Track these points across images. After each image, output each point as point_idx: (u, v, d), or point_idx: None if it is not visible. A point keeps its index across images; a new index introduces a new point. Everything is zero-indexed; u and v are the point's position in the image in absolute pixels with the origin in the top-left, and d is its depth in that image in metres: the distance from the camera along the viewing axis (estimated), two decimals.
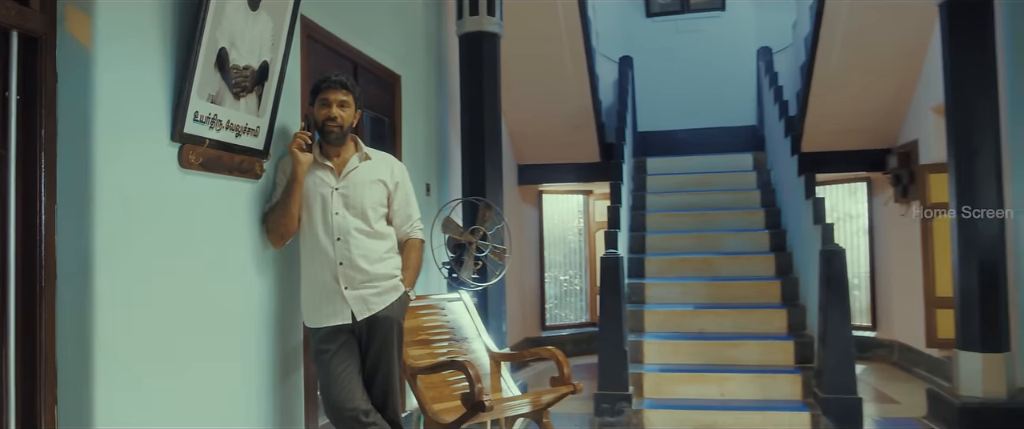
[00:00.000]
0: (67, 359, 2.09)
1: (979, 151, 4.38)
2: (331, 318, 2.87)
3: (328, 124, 2.93)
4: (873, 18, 5.63)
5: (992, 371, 4.35)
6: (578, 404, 5.07)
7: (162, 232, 2.37)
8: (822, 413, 4.56)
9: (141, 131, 2.30)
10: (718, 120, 8.81)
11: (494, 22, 5.04)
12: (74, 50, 2.13)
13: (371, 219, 2.95)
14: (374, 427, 2.86)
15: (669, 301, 5.91)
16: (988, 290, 4.37)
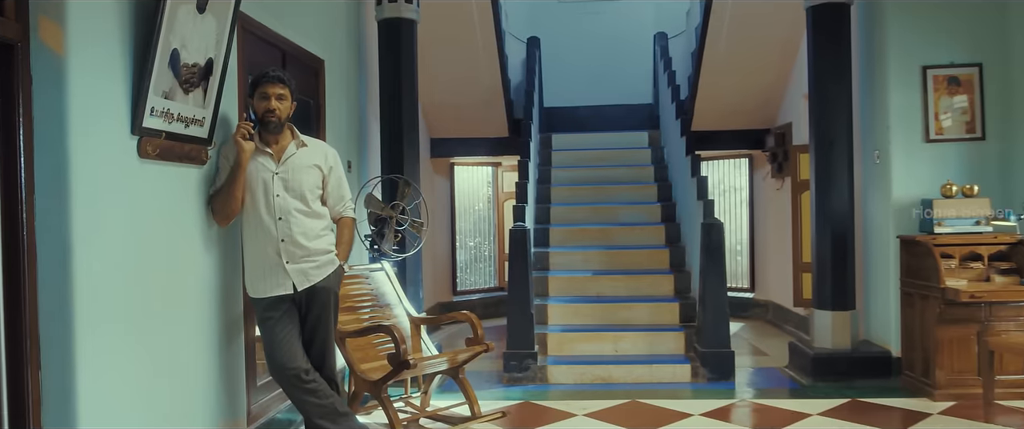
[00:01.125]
0: (49, 331, 2.37)
1: (835, 141, 5.07)
2: (274, 289, 3.23)
3: (267, 115, 3.25)
4: (755, 15, 6.27)
5: (840, 326, 5.12)
6: (489, 362, 5.58)
7: (126, 216, 2.67)
8: (701, 365, 5.22)
9: (106, 126, 2.58)
10: (618, 98, 9.40)
11: (411, 8, 5.37)
12: (47, 56, 2.38)
13: (309, 200, 3.31)
14: (314, 383, 3.26)
15: (571, 268, 6.46)
16: (838, 259, 5.11)
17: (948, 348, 4.49)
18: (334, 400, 3.33)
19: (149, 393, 2.80)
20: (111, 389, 2.57)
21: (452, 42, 6.68)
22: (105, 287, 2.55)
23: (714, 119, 7.49)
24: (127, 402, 2.67)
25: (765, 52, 6.67)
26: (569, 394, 4.86)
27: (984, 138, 4.96)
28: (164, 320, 2.90)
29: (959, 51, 4.98)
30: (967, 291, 4.33)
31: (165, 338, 2.91)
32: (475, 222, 9.17)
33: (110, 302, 2.57)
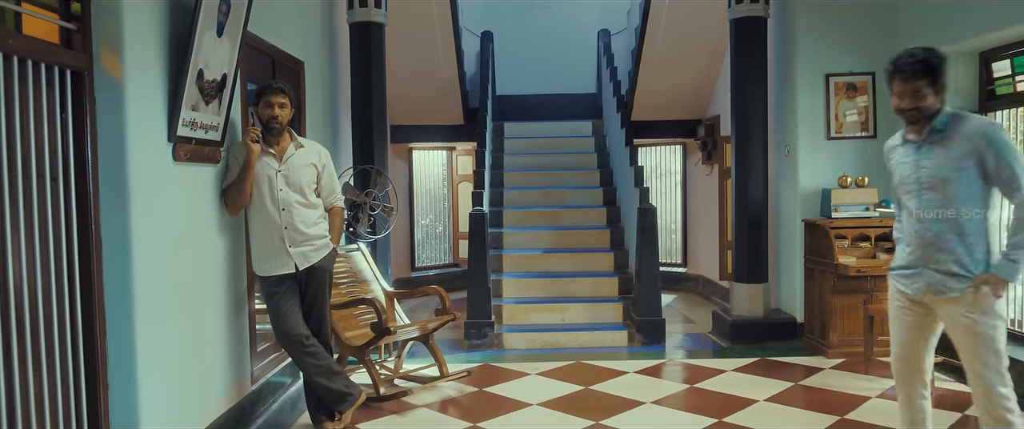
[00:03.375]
0: (113, 305, 2.95)
1: (752, 135, 5.86)
2: (279, 268, 3.83)
3: (271, 121, 3.83)
4: (687, 21, 7.01)
5: (754, 297, 5.94)
6: (450, 331, 6.25)
7: (166, 210, 3.24)
8: (636, 331, 5.98)
9: (151, 136, 3.14)
10: (565, 87, 10.09)
11: (380, 13, 5.92)
12: (107, 81, 2.93)
13: (306, 193, 3.91)
14: (313, 347, 3.88)
15: (523, 246, 7.15)
16: (754, 238, 5.92)
17: (840, 314, 5.36)
18: (330, 361, 3.96)
19: (184, 356, 3.40)
20: (158, 352, 3.16)
21: (414, 38, 7.24)
22: (153, 268, 3.12)
23: (651, 110, 8.25)
24: (170, 363, 3.26)
25: (696, 54, 7.43)
26: (523, 357, 5.57)
27: (876, 136, 5.80)
28: (192, 294, 3.49)
29: (856, 61, 5.79)
30: (855, 266, 5.18)
31: (193, 310, 3.50)
32: (431, 202, 9.79)
33: (157, 281, 3.15)
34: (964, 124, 2.79)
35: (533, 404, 4.42)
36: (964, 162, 2.76)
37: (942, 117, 2.81)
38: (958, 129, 2.79)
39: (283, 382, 4.70)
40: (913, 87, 2.77)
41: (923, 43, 5.30)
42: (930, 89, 2.76)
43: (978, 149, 2.73)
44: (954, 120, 2.81)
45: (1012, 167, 2.70)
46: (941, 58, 2.78)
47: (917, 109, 2.80)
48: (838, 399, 4.41)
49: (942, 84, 2.78)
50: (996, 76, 5.11)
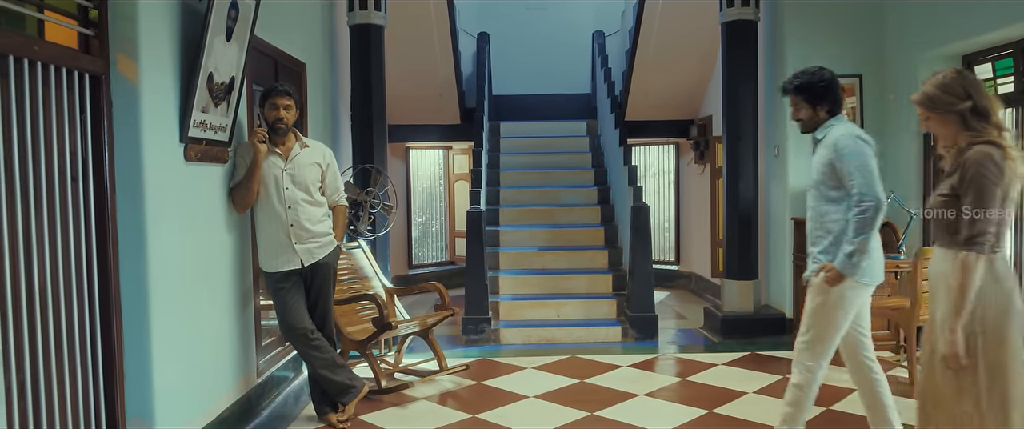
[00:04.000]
0: (129, 297, 3.09)
1: (743, 136, 6.02)
2: (285, 264, 3.96)
3: (277, 122, 3.96)
4: (680, 24, 7.17)
5: (745, 293, 6.10)
6: (448, 327, 6.39)
7: (177, 208, 3.37)
8: (630, 326, 6.14)
9: (164, 137, 3.26)
10: (560, 88, 10.24)
11: (380, 16, 6.05)
12: (123, 85, 3.06)
13: (311, 192, 4.04)
14: (318, 340, 4.01)
15: (519, 244, 7.29)
16: (744, 236, 6.08)
17: None
18: (333, 354, 4.09)
19: (196, 348, 3.53)
20: (171, 344, 3.29)
21: (411, 39, 7.37)
22: (167, 264, 3.25)
23: (645, 110, 8.40)
24: (182, 355, 3.40)
25: (689, 56, 7.59)
26: (519, 352, 5.71)
27: None
28: (202, 289, 3.62)
29: (844, 64, 5.92)
30: None
31: (203, 304, 3.63)
32: (428, 201, 9.93)
33: (170, 276, 3.28)
34: (830, 133, 3.14)
35: (530, 396, 4.57)
36: (826, 167, 3.11)
37: (822, 128, 3.19)
38: (827, 137, 3.14)
39: (287, 376, 4.83)
40: (793, 102, 3.23)
41: (907, 45, 5.50)
42: (806, 105, 3.18)
43: (832, 156, 3.06)
44: (828, 129, 3.16)
45: (850, 173, 3.01)
46: (817, 80, 3.15)
47: (798, 120, 3.26)
48: (824, 391, 4.54)
49: (823, 101, 3.15)
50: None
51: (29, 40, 2.61)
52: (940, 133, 2.60)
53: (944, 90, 2.52)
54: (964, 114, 2.48)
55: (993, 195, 2.40)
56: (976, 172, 2.41)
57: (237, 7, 3.62)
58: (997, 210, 2.41)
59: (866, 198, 2.97)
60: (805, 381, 3.20)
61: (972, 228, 2.42)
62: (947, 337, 2.45)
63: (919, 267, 4.57)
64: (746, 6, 5.91)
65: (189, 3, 3.48)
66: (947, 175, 2.56)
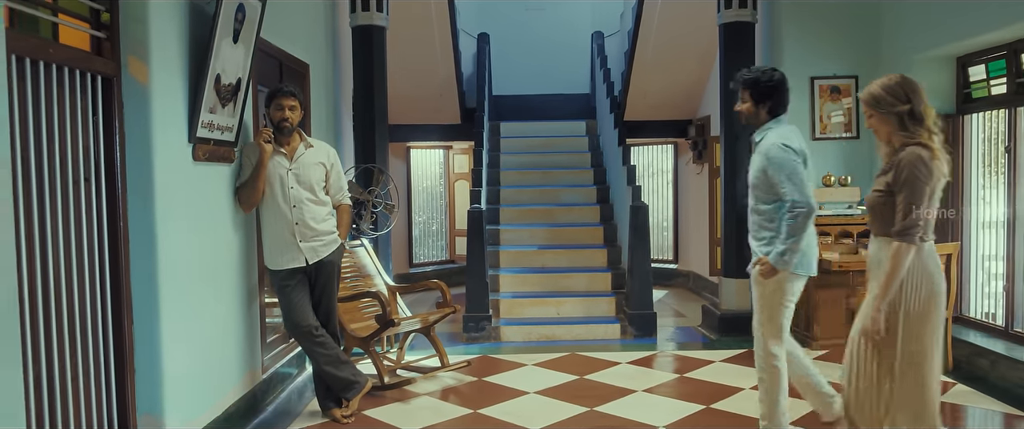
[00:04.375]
0: (139, 294, 3.16)
1: (740, 136, 6.09)
2: (291, 263, 4.03)
3: (282, 122, 4.03)
4: (679, 25, 7.24)
5: (742, 291, 6.16)
6: (449, 325, 6.46)
7: (186, 207, 3.44)
8: (629, 324, 6.22)
9: (173, 138, 3.33)
10: (560, 88, 10.32)
11: (382, 17, 6.12)
12: (134, 86, 3.13)
13: (316, 191, 4.11)
14: (322, 337, 4.09)
15: (519, 243, 7.37)
16: (740, 235, 6.13)
17: (823, 307, 5.59)
18: (337, 351, 4.17)
19: (204, 345, 3.60)
20: (180, 340, 3.37)
21: (413, 40, 7.44)
22: (176, 262, 3.33)
23: (644, 111, 8.48)
24: (191, 351, 3.47)
25: (687, 56, 7.66)
26: (520, 349, 5.78)
27: (858, 137, 6.04)
28: (210, 287, 3.69)
29: (840, 65, 6.03)
30: (838, 262, 5.42)
31: (210, 301, 3.70)
32: (428, 200, 10.00)
33: (179, 273, 3.36)
34: (766, 139, 3.38)
35: (530, 392, 4.64)
36: (761, 173, 3.36)
37: (761, 130, 3.42)
38: (763, 143, 3.38)
39: (290, 372, 4.90)
40: (741, 94, 3.46)
41: (903, 47, 5.58)
42: (750, 99, 3.42)
43: (765, 164, 3.32)
44: (765, 133, 3.40)
45: (782, 181, 3.26)
46: (766, 79, 3.39)
47: (739, 112, 3.50)
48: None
49: (767, 100, 3.38)
50: (972, 80, 5.36)
51: (45, 42, 2.68)
52: (879, 130, 2.84)
53: (888, 92, 2.75)
54: (902, 116, 2.72)
55: (922, 193, 2.68)
56: (909, 172, 2.67)
57: (244, 9, 3.69)
58: (925, 205, 2.68)
59: (799, 205, 3.22)
60: (772, 377, 3.43)
61: (904, 221, 2.69)
62: (872, 314, 2.75)
63: None
64: (743, 7, 5.98)
65: (197, 6, 3.55)
66: (882, 173, 2.82)
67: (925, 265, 2.76)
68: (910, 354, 2.75)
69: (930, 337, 2.76)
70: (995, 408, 4.19)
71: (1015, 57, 4.83)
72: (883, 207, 2.78)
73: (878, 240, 2.86)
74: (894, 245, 2.71)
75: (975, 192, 5.38)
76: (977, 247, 5.34)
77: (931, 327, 2.76)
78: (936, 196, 2.73)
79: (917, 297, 2.74)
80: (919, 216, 2.68)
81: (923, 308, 2.75)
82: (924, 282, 2.75)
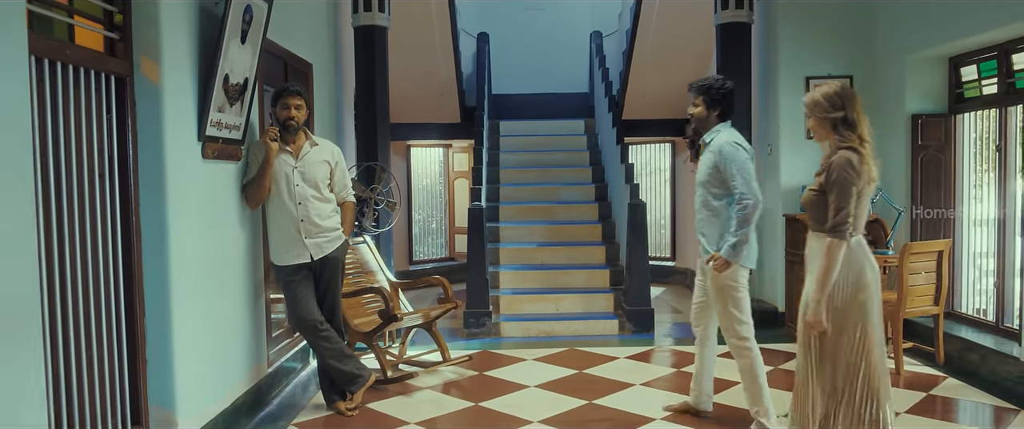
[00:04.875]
0: (151, 288, 3.25)
1: None
2: (296, 258, 4.12)
3: (288, 121, 4.11)
4: (676, 26, 7.33)
5: None
6: (449, 321, 6.56)
7: (196, 204, 3.53)
8: (627, 320, 6.31)
9: (183, 136, 3.42)
10: (558, 87, 10.41)
11: (383, 17, 6.21)
12: (146, 85, 3.22)
13: (321, 188, 4.20)
14: (327, 331, 4.17)
15: (518, 240, 7.45)
16: None
17: None
18: (342, 345, 4.25)
19: (212, 338, 3.69)
20: (190, 333, 3.45)
21: (413, 40, 7.52)
22: (186, 257, 3.41)
23: (642, 110, 8.56)
24: (201, 344, 3.56)
25: (685, 56, 7.75)
26: (519, 345, 5.87)
27: None
28: (218, 282, 3.78)
29: (835, 65, 6.12)
30: None
31: (219, 295, 3.79)
32: (428, 198, 10.08)
33: (189, 268, 3.44)
34: (716, 139, 3.65)
35: (530, 386, 4.73)
36: (711, 169, 3.61)
37: (710, 132, 3.69)
38: (713, 143, 3.64)
39: (295, 367, 4.99)
40: (693, 100, 3.72)
41: (896, 47, 5.68)
42: (703, 104, 3.69)
43: (717, 159, 3.58)
44: (715, 135, 3.67)
45: (733, 175, 3.52)
46: (719, 86, 3.67)
47: (692, 115, 3.75)
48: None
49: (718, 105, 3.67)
50: (964, 80, 5.46)
51: (62, 44, 2.77)
52: (817, 132, 3.07)
53: (826, 99, 3.00)
54: (836, 122, 2.96)
55: (850, 193, 2.88)
56: (838, 173, 2.89)
57: (251, 11, 3.77)
58: (853, 204, 2.89)
59: (747, 197, 3.48)
60: (748, 359, 3.71)
61: (835, 218, 2.90)
62: (812, 307, 2.94)
63: (905, 262, 4.74)
64: (740, 8, 6.08)
65: (207, 7, 3.63)
66: (818, 173, 3.03)
67: (854, 259, 2.95)
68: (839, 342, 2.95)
69: (859, 326, 2.95)
70: (985, 401, 4.29)
71: (1006, 58, 4.93)
72: (817, 205, 3.00)
73: (814, 235, 3.07)
74: (826, 241, 2.92)
75: (967, 190, 5.48)
76: (969, 244, 5.44)
77: (867, 313, 2.95)
78: (865, 196, 2.95)
79: (852, 288, 2.94)
80: (848, 213, 2.88)
81: (850, 299, 2.94)
82: (851, 275, 2.94)
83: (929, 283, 4.92)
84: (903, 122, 5.67)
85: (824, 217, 2.94)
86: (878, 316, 3.00)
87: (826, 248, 2.91)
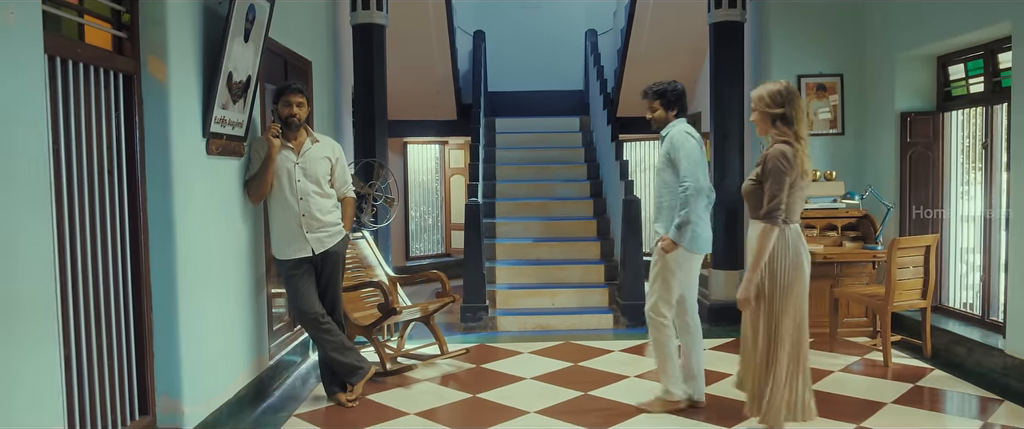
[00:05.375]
0: (158, 282, 3.33)
1: (728, 134, 6.29)
2: (297, 252, 4.20)
3: (290, 118, 4.19)
4: (670, 24, 7.43)
5: (731, 282, 6.37)
6: (446, 316, 6.64)
7: (201, 199, 3.61)
8: (621, 314, 6.41)
9: (189, 133, 3.50)
10: (554, 84, 10.50)
11: (381, 15, 6.29)
12: (153, 83, 3.30)
13: (322, 184, 4.28)
14: (328, 324, 4.26)
15: (515, 236, 7.55)
16: (730, 228, 6.35)
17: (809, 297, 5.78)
18: (343, 337, 4.34)
19: (217, 330, 3.78)
20: (196, 325, 3.54)
21: (411, 38, 7.61)
22: (192, 251, 3.49)
23: (636, 107, 8.55)
24: (206, 336, 3.64)
25: (679, 54, 7.86)
26: (516, 338, 5.97)
27: (843, 133, 6.25)
28: (222, 275, 3.87)
29: (826, 63, 6.22)
30: (823, 254, 5.62)
31: (223, 289, 3.87)
32: (424, 194, 10.17)
33: (195, 262, 3.52)
34: (671, 130, 3.95)
35: (527, 378, 4.83)
36: (665, 157, 3.94)
37: (668, 127, 4.01)
38: (668, 136, 3.94)
39: (295, 360, 5.07)
40: (651, 104, 4.09)
41: (886, 46, 5.78)
42: (661, 107, 4.05)
43: (669, 147, 3.90)
44: (670, 128, 3.99)
45: (680, 161, 3.83)
46: (672, 89, 4.03)
47: (651, 118, 4.10)
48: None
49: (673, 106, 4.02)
50: (952, 79, 5.57)
51: (73, 43, 2.85)
52: (759, 125, 3.35)
53: (769, 95, 3.26)
54: (776, 117, 3.24)
55: (783, 183, 3.15)
56: (773, 164, 3.17)
57: (254, 10, 3.85)
58: (785, 193, 3.16)
59: (687, 180, 3.78)
60: (663, 334, 4.05)
61: (769, 205, 3.17)
62: (744, 285, 3.25)
63: (893, 257, 4.85)
64: (733, 8, 6.18)
65: (211, 7, 3.71)
66: (756, 164, 3.33)
67: (789, 244, 3.23)
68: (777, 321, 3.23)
69: (795, 303, 3.26)
70: (971, 392, 4.40)
71: (992, 57, 5.04)
72: (754, 194, 3.28)
73: (753, 222, 3.33)
74: (760, 226, 3.20)
75: (955, 187, 5.59)
76: (957, 240, 5.55)
77: (795, 295, 3.25)
78: (798, 188, 3.22)
79: (783, 271, 3.22)
80: (780, 201, 3.15)
81: (788, 279, 3.23)
82: (787, 258, 3.22)
83: (917, 277, 5.03)
84: (892, 120, 5.78)
85: (761, 205, 3.20)
86: (806, 299, 3.32)
87: (760, 233, 3.18)
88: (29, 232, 2.34)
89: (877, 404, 4.18)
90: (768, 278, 3.22)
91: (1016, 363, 4.44)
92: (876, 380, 4.67)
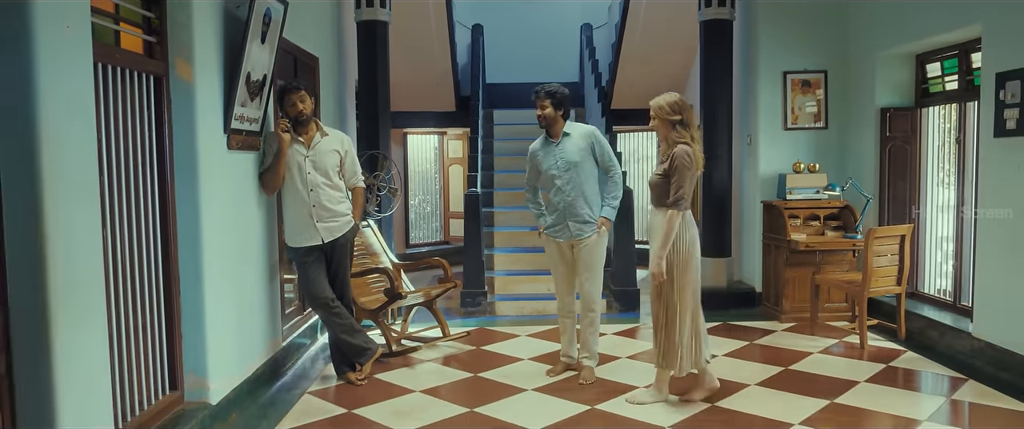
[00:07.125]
0: (186, 269, 3.60)
1: (718, 126, 6.57)
2: (309, 241, 4.47)
3: (299, 116, 4.45)
4: (663, 20, 7.68)
5: (719, 270, 6.68)
6: (446, 301, 6.92)
7: (223, 191, 3.88)
8: (614, 300, 6.71)
9: (212, 129, 3.76)
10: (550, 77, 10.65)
11: (384, 12, 6.53)
12: (181, 84, 3.56)
13: (331, 176, 4.54)
14: (338, 308, 4.54)
15: (512, 224, 7.82)
16: (719, 218, 6.65)
17: (792, 284, 6.09)
18: (352, 320, 4.62)
19: (238, 312, 4.06)
20: (220, 308, 3.82)
21: (411, 32, 7.85)
22: (216, 238, 3.77)
23: (630, 99, 8.93)
24: (229, 318, 3.92)
25: (671, 48, 8.12)
26: (513, 322, 6.26)
27: (827, 127, 6.53)
28: (242, 262, 4.14)
29: (811, 60, 6.49)
30: (805, 242, 5.92)
31: (243, 274, 4.15)
32: (423, 183, 10.43)
33: (219, 248, 3.80)
34: (576, 128, 4.59)
35: (524, 359, 5.12)
36: (586, 151, 4.50)
37: (567, 127, 4.57)
38: (578, 132, 4.56)
39: (304, 342, 5.36)
40: (542, 103, 4.58)
41: (868, 44, 6.08)
42: (552, 108, 4.57)
43: (591, 142, 4.54)
44: (573, 127, 4.57)
45: (608, 154, 4.59)
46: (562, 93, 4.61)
47: (542, 116, 4.58)
48: (786, 355, 5.15)
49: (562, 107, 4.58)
50: (929, 76, 5.85)
51: (112, 49, 3.10)
52: (659, 131, 4.04)
53: (669, 106, 3.98)
54: (675, 123, 3.93)
55: (688, 176, 3.83)
56: (680, 161, 3.84)
57: (270, 13, 4.11)
58: (689, 185, 3.83)
59: (616, 170, 4.59)
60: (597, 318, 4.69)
61: (675, 194, 3.84)
62: (655, 262, 3.90)
63: (870, 245, 5.15)
64: (722, 6, 6.44)
65: (231, 11, 3.96)
66: (660, 162, 4.01)
67: (689, 227, 3.94)
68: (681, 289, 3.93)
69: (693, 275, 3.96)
70: (942, 372, 4.70)
71: (965, 57, 5.32)
72: (660, 187, 3.91)
73: (656, 211, 3.97)
74: (669, 212, 3.85)
75: (931, 179, 5.88)
76: (932, 229, 5.85)
77: (693, 268, 3.95)
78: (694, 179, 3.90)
79: (685, 248, 3.91)
80: (685, 191, 3.83)
81: (686, 256, 3.92)
82: (687, 238, 3.92)
83: (892, 265, 5.32)
84: (873, 115, 6.07)
85: (667, 195, 3.86)
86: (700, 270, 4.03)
87: (669, 217, 3.84)
88: (83, 217, 2.60)
89: (851, 382, 4.49)
90: (681, 255, 3.89)
91: (982, 345, 4.76)
92: (852, 361, 4.97)
